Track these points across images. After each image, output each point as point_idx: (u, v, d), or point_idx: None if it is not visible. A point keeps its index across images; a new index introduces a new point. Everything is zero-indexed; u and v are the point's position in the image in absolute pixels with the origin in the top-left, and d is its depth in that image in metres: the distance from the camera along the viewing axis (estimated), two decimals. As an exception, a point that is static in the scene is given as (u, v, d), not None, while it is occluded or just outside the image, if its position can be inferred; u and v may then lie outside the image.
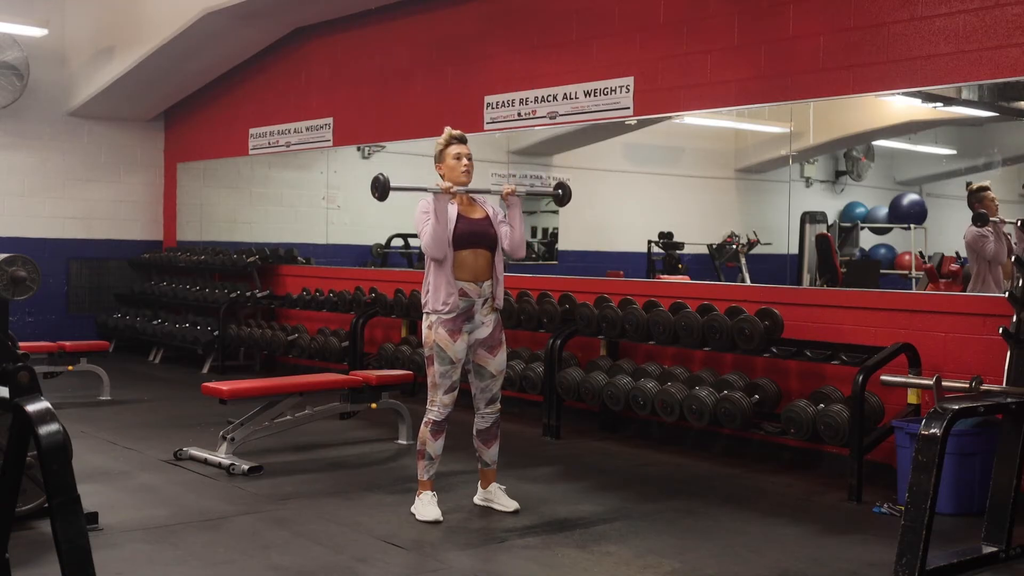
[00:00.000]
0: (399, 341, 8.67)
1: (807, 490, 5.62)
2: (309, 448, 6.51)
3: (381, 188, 4.76)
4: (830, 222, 9.98)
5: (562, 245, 11.14)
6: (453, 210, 4.84)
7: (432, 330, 4.82)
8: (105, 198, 11.94)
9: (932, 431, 3.93)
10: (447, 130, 4.93)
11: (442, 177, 4.89)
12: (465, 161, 4.86)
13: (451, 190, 4.76)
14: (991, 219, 6.15)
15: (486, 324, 4.90)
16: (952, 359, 5.57)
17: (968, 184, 6.89)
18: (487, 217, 4.91)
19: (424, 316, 4.89)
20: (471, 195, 4.93)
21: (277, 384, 6.44)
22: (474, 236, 4.82)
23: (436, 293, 4.81)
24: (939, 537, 4.14)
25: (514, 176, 10.15)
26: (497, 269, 4.91)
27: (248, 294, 10.34)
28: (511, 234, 4.90)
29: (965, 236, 6.29)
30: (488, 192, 5.01)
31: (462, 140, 4.92)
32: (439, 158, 4.90)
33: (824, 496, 5.49)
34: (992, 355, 5.23)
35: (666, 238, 10.36)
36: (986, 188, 6.38)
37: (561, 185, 4.98)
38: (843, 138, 10.03)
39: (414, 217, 4.84)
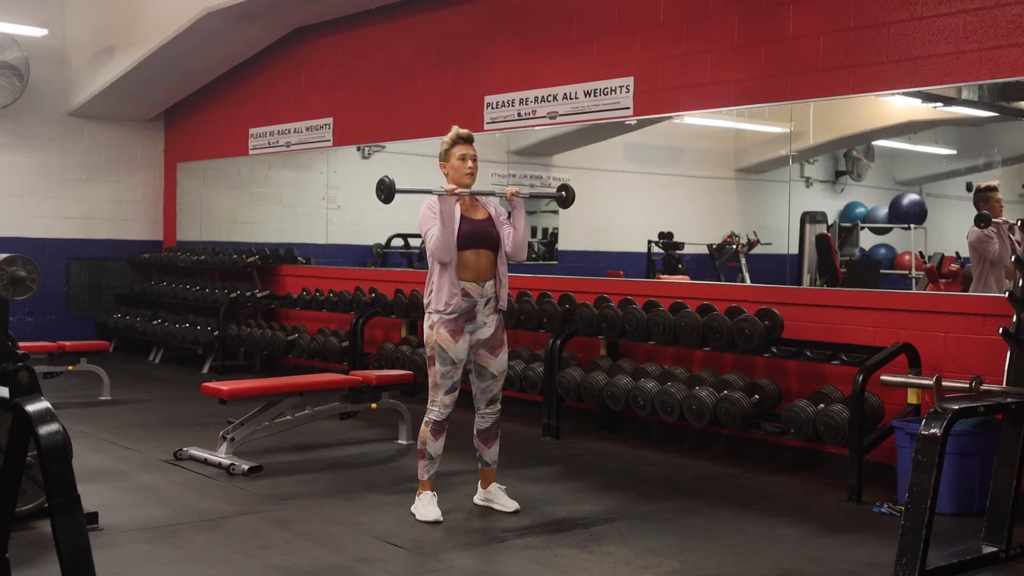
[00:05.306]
0: (399, 341, 8.67)
1: (807, 490, 5.61)
2: (309, 448, 6.51)
3: (387, 190, 4.74)
4: (830, 222, 9.98)
5: (562, 245, 11.14)
6: (456, 210, 4.83)
7: (434, 330, 4.81)
8: (105, 198, 11.94)
9: (932, 431, 3.92)
10: (454, 129, 4.91)
11: (446, 176, 4.89)
12: (470, 163, 4.85)
13: (455, 192, 4.75)
14: (994, 220, 6.09)
15: (488, 324, 4.89)
16: (952, 359, 5.56)
17: (969, 184, 6.88)
18: (489, 218, 4.89)
19: (426, 316, 4.89)
20: (474, 196, 4.93)
21: (277, 384, 6.44)
22: (476, 237, 4.81)
23: (439, 294, 4.80)
24: (939, 537, 4.13)
25: (514, 176, 10.15)
26: (500, 270, 4.90)
27: (248, 294, 10.34)
28: (513, 235, 4.86)
29: (968, 236, 6.19)
30: (492, 195, 4.99)
31: (469, 140, 4.90)
32: (444, 157, 4.88)
33: (824, 496, 5.49)
34: (992, 355, 5.23)
35: (666, 238, 10.36)
36: (994, 188, 6.28)
37: (565, 187, 4.92)
38: (843, 138, 10.03)
39: (418, 218, 4.83)
